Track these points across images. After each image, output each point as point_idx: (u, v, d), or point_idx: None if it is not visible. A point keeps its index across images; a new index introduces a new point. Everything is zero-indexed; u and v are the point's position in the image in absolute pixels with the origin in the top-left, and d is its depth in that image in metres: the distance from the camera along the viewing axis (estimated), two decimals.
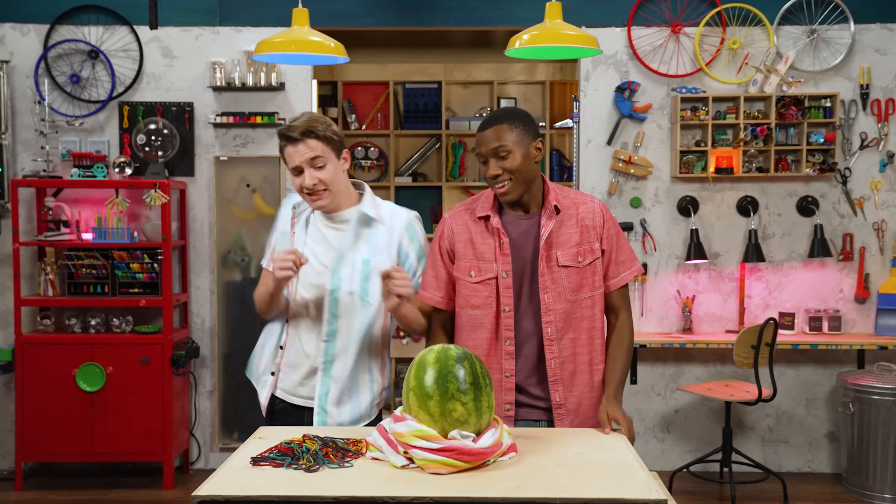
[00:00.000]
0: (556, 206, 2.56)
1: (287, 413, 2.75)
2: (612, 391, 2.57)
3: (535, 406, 2.62)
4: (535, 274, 2.56)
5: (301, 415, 2.73)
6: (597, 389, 2.62)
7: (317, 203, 2.67)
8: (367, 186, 2.81)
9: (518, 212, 2.60)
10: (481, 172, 2.57)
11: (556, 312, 2.56)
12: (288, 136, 2.63)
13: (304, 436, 2.20)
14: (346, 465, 2.08)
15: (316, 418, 2.70)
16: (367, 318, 2.70)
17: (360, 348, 2.71)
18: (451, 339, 2.70)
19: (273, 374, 2.77)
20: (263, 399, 2.79)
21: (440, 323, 2.71)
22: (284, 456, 2.10)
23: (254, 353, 2.89)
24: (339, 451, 2.13)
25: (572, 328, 2.58)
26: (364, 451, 2.16)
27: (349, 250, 2.69)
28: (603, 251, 2.61)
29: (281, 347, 2.75)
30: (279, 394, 2.77)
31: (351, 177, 2.81)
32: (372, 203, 2.75)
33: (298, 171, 2.64)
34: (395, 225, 2.73)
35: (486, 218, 2.59)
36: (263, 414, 2.79)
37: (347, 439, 2.22)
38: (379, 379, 2.77)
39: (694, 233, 5.21)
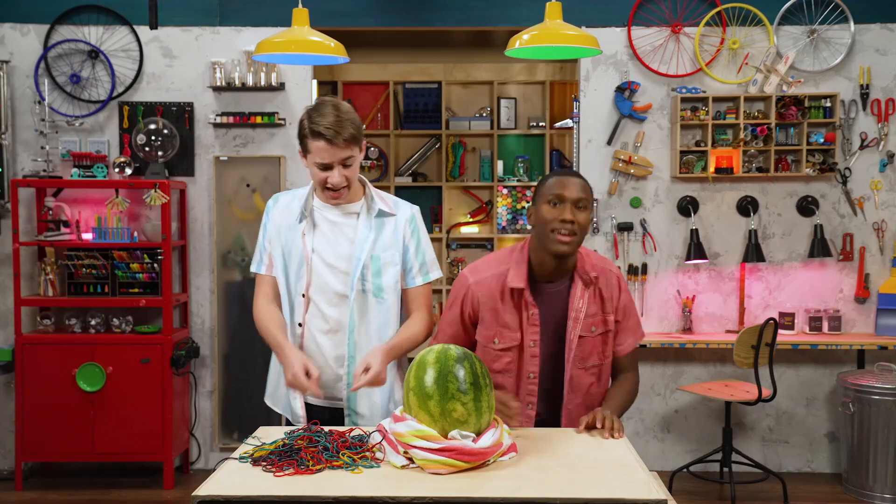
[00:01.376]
0: (595, 276, 2.56)
1: (320, 416, 2.71)
2: (609, 407, 2.55)
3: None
4: (559, 342, 2.57)
5: (333, 415, 2.72)
6: None
7: (337, 199, 2.67)
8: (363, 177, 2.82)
9: (546, 278, 2.57)
10: (544, 212, 2.49)
11: (575, 377, 2.60)
12: (325, 137, 2.55)
13: (305, 436, 2.20)
14: (347, 465, 2.08)
15: (347, 420, 2.70)
16: (382, 313, 2.71)
17: (379, 342, 2.69)
18: None
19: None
20: (300, 410, 2.73)
21: None
22: (285, 456, 2.10)
23: (270, 379, 2.86)
24: (339, 451, 2.13)
25: (580, 394, 2.62)
26: (370, 450, 2.16)
27: (364, 249, 2.68)
28: (617, 322, 2.63)
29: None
30: (310, 400, 2.75)
31: None
32: (378, 196, 2.76)
33: (327, 167, 2.60)
34: (401, 218, 2.75)
35: (520, 290, 2.55)
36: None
37: (348, 439, 2.22)
38: (398, 372, 2.78)
39: (694, 233, 5.21)
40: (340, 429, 2.32)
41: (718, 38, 5.24)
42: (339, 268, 2.68)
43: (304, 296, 2.69)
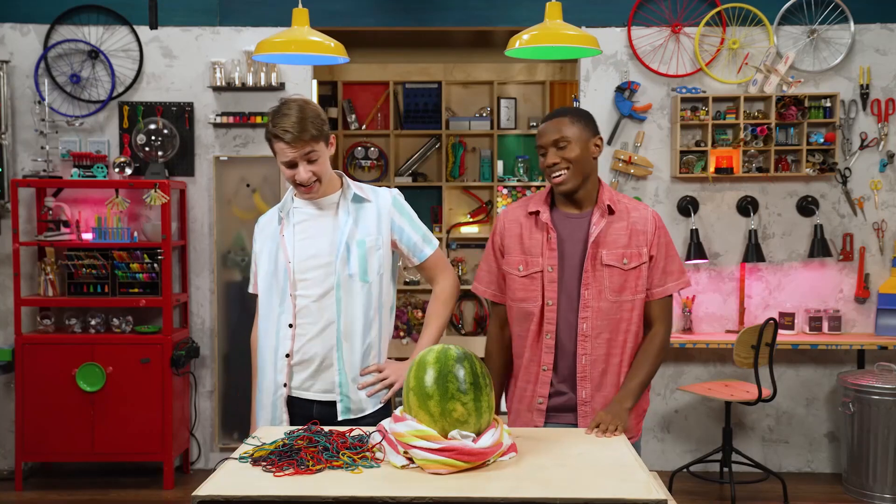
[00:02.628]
0: (609, 206, 2.62)
1: (305, 408, 2.74)
2: (625, 393, 2.57)
3: (565, 404, 2.64)
4: (581, 270, 2.60)
5: (320, 409, 2.73)
6: None
7: (309, 194, 2.72)
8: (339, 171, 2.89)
9: (570, 209, 2.66)
10: (539, 164, 2.65)
11: (593, 310, 2.60)
12: (284, 140, 2.62)
13: (305, 436, 2.20)
14: (347, 465, 2.08)
15: (340, 406, 2.71)
16: (368, 298, 2.73)
17: (365, 327, 2.73)
18: (506, 332, 2.79)
19: (286, 384, 2.75)
20: (282, 412, 2.76)
21: (496, 314, 2.81)
22: (285, 456, 2.10)
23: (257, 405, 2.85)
24: (339, 451, 2.13)
25: (609, 328, 2.61)
26: (370, 450, 2.16)
27: (344, 233, 2.72)
28: (651, 257, 2.63)
29: (287, 356, 2.73)
30: (295, 394, 2.76)
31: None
32: (354, 185, 2.81)
33: (292, 164, 2.66)
34: (382, 203, 2.79)
35: (537, 213, 2.65)
36: (287, 422, 2.75)
37: (348, 439, 2.22)
38: (383, 352, 2.81)
39: (694, 233, 5.21)
40: (341, 429, 2.32)
41: (718, 38, 5.24)
42: (322, 257, 2.72)
43: (291, 296, 2.72)
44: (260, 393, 2.82)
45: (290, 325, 2.73)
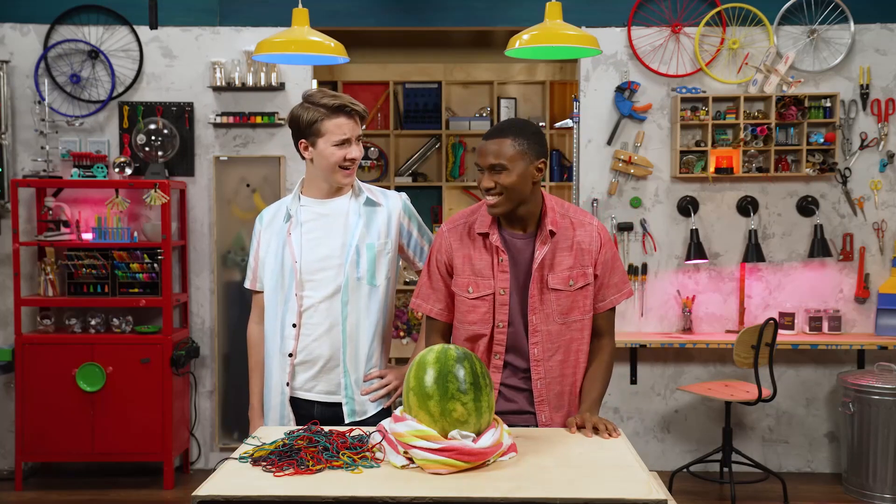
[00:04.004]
0: (551, 231, 2.51)
1: (307, 409, 2.74)
2: (590, 404, 2.54)
3: (523, 424, 2.59)
4: (526, 295, 2.54)
5: (322, 410, 2.73)
6: None
7: (349, 178, 2.73)
8: None
9: (514, 229, 2.55)
10: (477, 180, 2.53)
11: (542, 334, 2.54)
12: (346, 111, 2.67)
13: (305, 436, 2.20)
14: (347, 465, 2.08)
15: (346, 409, 2.72)
16: (375, 301, 2.74)
17: (370, 329, 2.74)
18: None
19: (288, 383, 2.76)
20: (289, 412, 2.77)
21: (437, 329, 2.67)
22: (285, 456, 2.10)
23: (266, 400, 2.84)
24: (339, 451, 2.13)
25: (561, 350, 2.56)
26: (370, 450, 2.16)
27: (354, 236, 2.71)
28: (596, 276, 2.57)
29: (290, 355, 2.74)
30: (297, 394, 2.76)
31: None
32: (364, 186, 2.82)
33: (346, 143, 2.69)
34: (392, 207, 2.79)
35: (485, 235, 2.55)
36: (294, 422, 2.76)
37: (347, 439, 2.21)
38: (384, 356, 2.83)
39: (694, 233, 5.21)
40: (340, 429, 2.32)
41: (718, 38, 5.24)
42: (332, 258, 2.71)
43: (297, 296, 2.71)
44: (268, 392, 2.81)
45: (294, 325, 2.72)
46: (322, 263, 2.71)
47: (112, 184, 5.06)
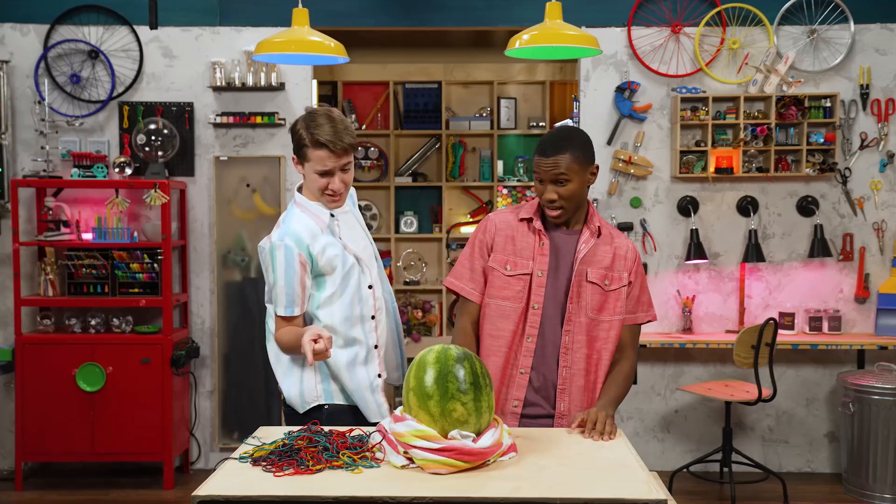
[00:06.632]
0: (598, 228, 2.64)
1: (342, 412, 2.76)
2: (607, 401, 2.58)
3: (539, 415, 2.63)
4: (568, 283, 2.61)
5: (353, 413, 2.78)
6: None
7: (337, 203, 2.76)
8: None
9: (560, 225, 2.66)
10: (536, 190, 2.62)
11: (575, 324, 2.61)
12: (328, 148, 2.63)
13: (305, 436, 2.20)
14: (347, 465, 2.08)
15: (376, 409, 2.80)
16: (392, 299, 2.95)
17: (393, 329, 2.92)
18: (477, 330, 2.71)
19: (379, 374, 2.83)
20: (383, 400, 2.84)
21: (468, 311, 2.71)
22: (285, 456, 2.10)
23: (302, 383, 2.79)
24: (339, 451, 2.13)
25: (587, 345, 2.63)
26: (370, 450, 2.16)
27: (369, 238, 2.93)
28: (630, 283, 2.66)
29: (376, 346, 2.83)
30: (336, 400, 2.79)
31: None
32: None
33: (328, 173, 2.68)
34: (357, 213, 2.99)
35: (529, 220, 2.65)
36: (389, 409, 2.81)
37: (347, 439, 2.21)
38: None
39: (694, 233, 5.21)
40: (341, 429, 2.32)
41: (718, 38, 5.24)
42: (369, 249, 2.88)
43: (370, 287, 2.80)
44: (359, 392, 2.77)
45: (373, 317, 2.80)
46: (366, 252, 2.84)
47: (112, 184, 5.06)
